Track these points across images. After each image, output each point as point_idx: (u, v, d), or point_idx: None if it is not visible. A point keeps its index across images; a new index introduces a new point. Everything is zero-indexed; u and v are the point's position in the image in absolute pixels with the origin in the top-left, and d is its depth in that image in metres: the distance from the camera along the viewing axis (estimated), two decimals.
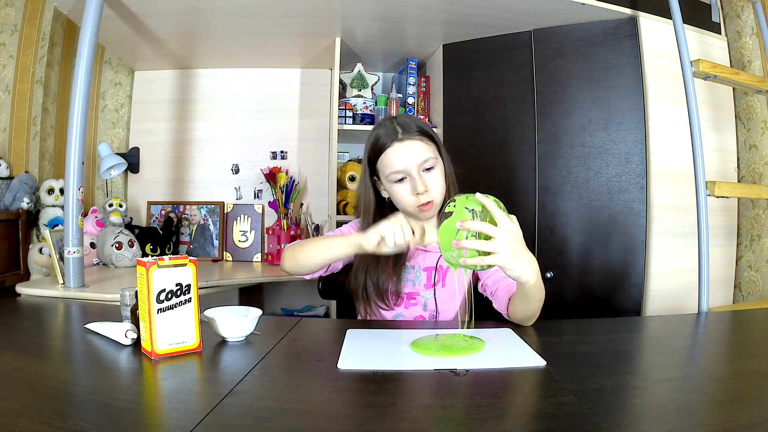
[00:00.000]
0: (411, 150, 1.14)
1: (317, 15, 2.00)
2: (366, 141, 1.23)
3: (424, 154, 1.14)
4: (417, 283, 1.22)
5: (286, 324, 1.11)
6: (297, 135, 2.67)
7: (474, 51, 2.20)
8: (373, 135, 1.19)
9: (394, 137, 1.14)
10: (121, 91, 2.68)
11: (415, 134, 1.15)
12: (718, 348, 1.10)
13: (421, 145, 1.15)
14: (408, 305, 1.23)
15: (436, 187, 1.16)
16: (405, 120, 1.18)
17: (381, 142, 1.16)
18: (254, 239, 2.55)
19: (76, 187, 1.57)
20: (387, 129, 1.16)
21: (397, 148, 1.14)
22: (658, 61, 1.87)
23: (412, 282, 1.22)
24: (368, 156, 1.20)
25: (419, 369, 0.82)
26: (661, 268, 1.86)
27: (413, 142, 1.14)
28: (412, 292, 1.22)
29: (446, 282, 1.22)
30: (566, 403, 0.68)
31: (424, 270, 1.22)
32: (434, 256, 1.22)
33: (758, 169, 1.95)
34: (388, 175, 1.16)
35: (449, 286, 1.22)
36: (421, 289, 1.22)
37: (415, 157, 1.14)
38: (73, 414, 0.64)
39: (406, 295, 1.22)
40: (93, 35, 1.60)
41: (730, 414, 0.65)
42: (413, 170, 1.14)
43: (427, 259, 1.23)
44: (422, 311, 1.23)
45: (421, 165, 1.14)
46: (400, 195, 1.16)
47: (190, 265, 0.88)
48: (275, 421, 0.63)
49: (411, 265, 1.22)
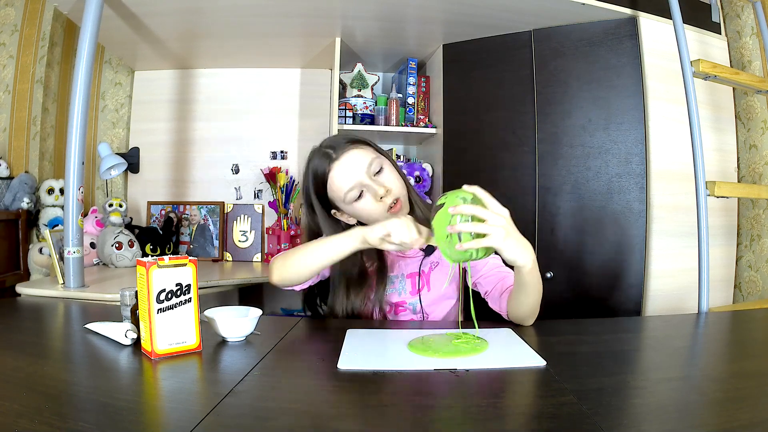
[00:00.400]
0: (352, 161, 1.11)
1: (317, 15, 2.00)
2: (303, 180, 1.19)
3: (366, 159, 1.11)
4: (403, 292, 1.21)
5: (286, 324, 1.11)
6: (297, 135, 2.67)
7: (474, 51, 2.20)
8: (309, 170, 1.16)
9: (329, 160, 1.11)
10: (121, 91, 2.68)
11: (346, 146, 1.12)
12: (718, 348, 1.10)
13: (358, 152, 1.12)
14: (398, 312, 1.22)
15: (394, 184, 1.13)
16: (331, 140, 1.16)
17: (320, 171, 1.13)
18: (254, 239, 2.55)
19: (76, 187, 1.57)
20: (319, 156, 1.14)
21: (337, 167, 1.11)
22: (658, 61, 1.87)
23: (398, 291, 1.21)
24: (315, 193, 1.16)
25: (419, 369, 0.82)
26: (661, 268, 1.86)
27: (349, 153, 1.11)
28: (399, 301, 1.21)
29: (432, 286, 1.21)
30: (566, 403, 0.68)
31: (408, 277, 1.21)
32: (416, 262, 1.21)
33: (758, 169, 1.95)
34: (345, 197, 1.11)
35: (435, 289, 1.21)
36: (407, 297, 1.21)
37: (359, 165, 1.10)
38: (73, 414, 0.64)
39: (394, 304, 1.21)
40: (93, 35, 1.60)
41: (730, 414, 0.65)
42: (365, 178, 1.10)
43: (410, 265, 1.21)
44: (413, 315, 1.22)
45: (369, 170, 1.11)
46: (365, 209, 1.11)
47: (190, 265, 0.88)
48: (275, 421, 0.63)
49: (394, 274, 1.21)
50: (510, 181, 2.06)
